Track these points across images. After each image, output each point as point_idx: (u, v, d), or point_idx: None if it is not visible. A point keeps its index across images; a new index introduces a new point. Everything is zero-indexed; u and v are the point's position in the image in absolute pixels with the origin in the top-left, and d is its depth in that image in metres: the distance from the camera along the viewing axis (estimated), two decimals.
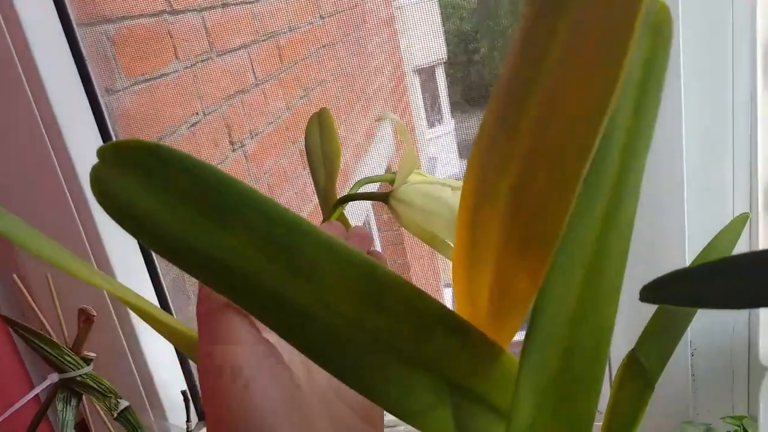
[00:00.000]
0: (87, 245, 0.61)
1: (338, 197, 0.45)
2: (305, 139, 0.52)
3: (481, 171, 0.22)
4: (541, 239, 0.19)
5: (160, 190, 0.22)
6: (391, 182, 0.41)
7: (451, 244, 0.33)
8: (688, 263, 0.50)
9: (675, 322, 0.33)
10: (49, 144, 0.58)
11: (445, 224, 0.34)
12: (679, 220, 0.48)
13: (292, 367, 0.27)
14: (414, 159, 0.40)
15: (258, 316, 0.22)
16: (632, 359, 0.33)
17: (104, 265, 0.62)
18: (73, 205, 0.57)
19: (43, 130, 0.58)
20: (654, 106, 0.22)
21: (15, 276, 0.50)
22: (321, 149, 0.50)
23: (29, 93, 0.57)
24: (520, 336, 0.23)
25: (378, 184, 0.46)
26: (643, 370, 0.33)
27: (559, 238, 0.18)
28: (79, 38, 0.65)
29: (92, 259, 0.61)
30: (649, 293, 0.20)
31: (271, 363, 0.26)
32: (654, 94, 0.21)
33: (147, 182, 0.22)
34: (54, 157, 0.59)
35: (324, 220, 0.45)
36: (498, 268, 0.21)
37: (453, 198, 0.35)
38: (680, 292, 0.20)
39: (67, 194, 0.57)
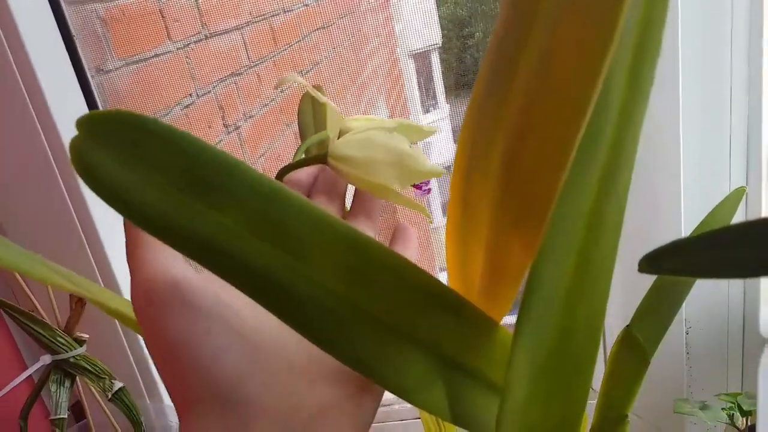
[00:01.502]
0: (78, 226, 0.60)
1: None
2: (298, 117, 0.51)
3: (472, 142, 0.21)
4: (535, 210, 0.18)
5: (141, 163, 0.21)
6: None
7: (399, 189, 0.31)
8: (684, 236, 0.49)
9: (671, 298, 0.33)
10: (38, 125, 0.58)
11: (388, 169, 0.32)
12: (675, 195, 0.48)
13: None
14: (335, 112, 0.38)
15: (247, 293, 0.21)
16: (628, 335, 0.33)
17: (95, 243, 0.61)
18: (63, 186, 0.57)
19: (33, 112, 0.57)
20: (650, 71, 0.21)
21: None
22: (314, 128, 0.50)
23: (17, 72, 0.56)
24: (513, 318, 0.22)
25: None
26: (638, 345, 0.33)
27: (553, 207, 0.18)
28: (67, 17, 0.64)
29: (84, 239, 0.61)
30: (647, 264, 0.19)
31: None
32: (651, 57, 0.21)
33: (127, 155, 0.21)
34: (44, 139, 0.58)
35: None
36: (491, 241, 0.21)
37: (391, 139, 0.33)
38: (679, 263, 0.20)
39: (58, 176, 0.57)
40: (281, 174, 0.36)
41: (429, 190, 0.35)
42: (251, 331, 0.24)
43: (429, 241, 2.24)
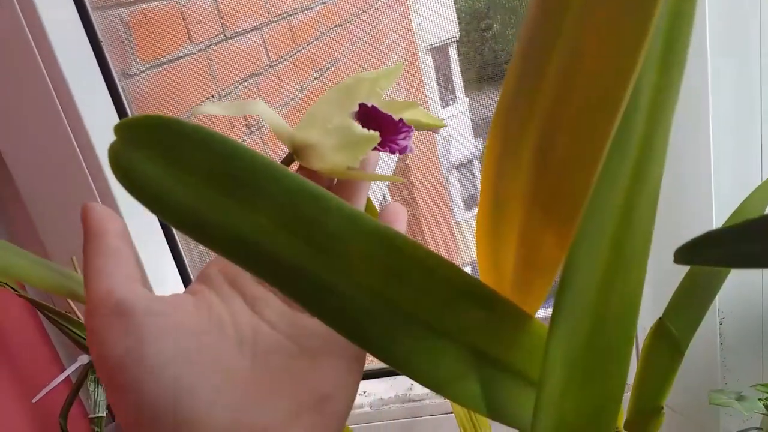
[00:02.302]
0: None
1: None
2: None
3: (503, 136, 0.21)
4: (568, 203, 0.18)
5: (177, 166, 0.21)
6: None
7: (355, 163, 0.30)
8: (715, 227, 0.49)
9: (704, 288, 0.32)
10: (70, 130, 0.59)
11: (339, 142, 0.30)
12: (705, 185, 0.47)
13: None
14: (265, 108, 0.34)
15: (282, 290, 0.21)
16: (661, 327, 0.33)
17: None
18: (95, 190, 0.58)
19: (64, 117, 0.58)
20: (681, 62, 0.21)
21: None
22: None
23: (48, 81, 0.57)
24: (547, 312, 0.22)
25: None
26: (672, 337, 0.32)
27: (586, 200, 0.18)
28: (94, 22, 0.65)
29: None
30: (683, 255, 0.19)
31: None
32: (681, 48, 0.21)
33: (164, 158, 0.22)
34: (75, 144, 0.59)
35: None
36: (523, 235, 0.21)
37: (328, 116, 0.31)
38: (715, 253, 0.20)
39: (90, 179, 0.58)
40: None
41: (405, 147, 0.32)
42: (195, 350, 0.23)
43: (452, 235, 2.23)
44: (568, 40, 0.16)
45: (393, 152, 0.32)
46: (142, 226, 0.64)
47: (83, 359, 0.49)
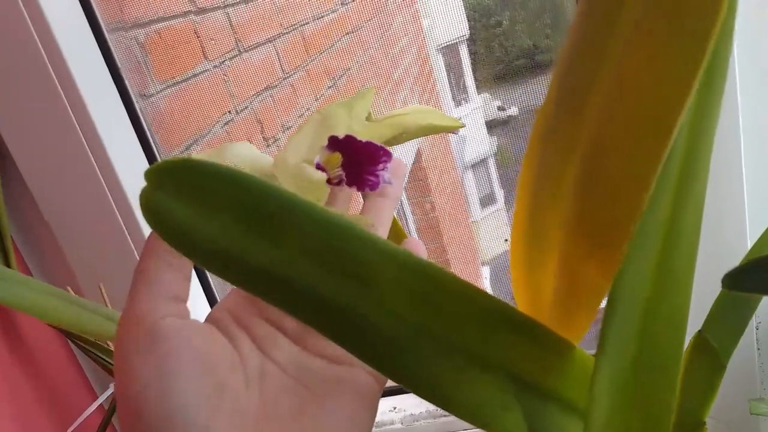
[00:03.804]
0: (132, 245, 0.61)
1: None
2: None
3: (541, 159, 0.21)
4: (615, 232, 0.18)
5: (209, 208, 0.21)
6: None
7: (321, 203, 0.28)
8: (749, 244, 0.48)
9: (744, 300, 0.31)
10: (90, 154, 0.59)
11: (296, 184, 0.28)
12: (738, 200, 0.46)
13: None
14: (221, 150, 0.32)
15: (316, 327, 0.21)
16: (701, 340, 0.32)
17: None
18: (119, 215, 0.58)
19: (84, 142, 0.59)
20: (722, 79, 0.21)
21: (69, 288, 0.51)
22: None
23: (68, 106, 0.57)
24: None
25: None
26: (713, 351, 0.32)
27: (635, 228, 0.18)
28: (110, 45, 0.65)
29: (137, 255, 0.62)
30: (731, 282, 0.19)
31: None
32: (723, 65, 0.20)
33: (196, 201, 0.21)
34: (96, 167, 0.59)
35: None
36: (565, 264, 0.21)
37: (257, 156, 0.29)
38: (760, 280, 0.19)
39: (113, 204, 0.58)
40: None
41: (379, 182, 0.28)
42: (215, 390, 0.23)
43: (471, 235, 2.22)
44: (616, 64, 0.16)
45: (364, 189, 0.28)
46: None
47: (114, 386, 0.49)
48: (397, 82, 1.60)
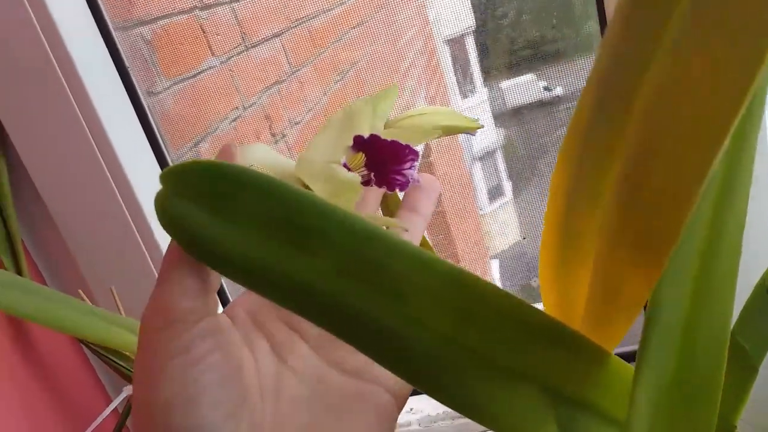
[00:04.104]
0: (142, 245, 0.61)
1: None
2: None
3: (576, 166, 0.20)
4: (659, 239, 0.17)
5: (232, 215, 0.20)
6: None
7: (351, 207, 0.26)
8: None
9: None
10: (98, 153, 0.58)
11: (325, 188, 0.27)
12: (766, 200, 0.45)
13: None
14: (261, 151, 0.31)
15: (349, 340, 0.20)
16: (732, 343, 0.31)
17: (161, 260, 0.61)
18: (130, 218, 0.57)
19: (93, 141, 0.58)
20: (765, 87, 0.20)
21: (80, 291, 0.51)
22: None
23: (76, 106, 0.57)
24: None
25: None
26: (744, 353, 0.31)
27: (680, 237, 0.17)
28: (118, 43, 0.64)
29: (150, 261, 0.61)
30: None
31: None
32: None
33: (217, 207, 0.20)
34: (104, 166, 0.59)
35: (385, 215, 0.43)
36: (603, 268, 0.20)
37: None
38: None
39: (123, 207, 0.58)
40: None
41: (408, 180, 0.27)
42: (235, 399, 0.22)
43: (479, 228, 2.21)
44: (666, 66, 0.15)
45: (393, 188, 0.28)
46: None
47: (129, 390, 0.49)
48: (405, 75, 1.59)
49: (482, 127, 0.43)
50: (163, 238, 0.61)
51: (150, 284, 0.63)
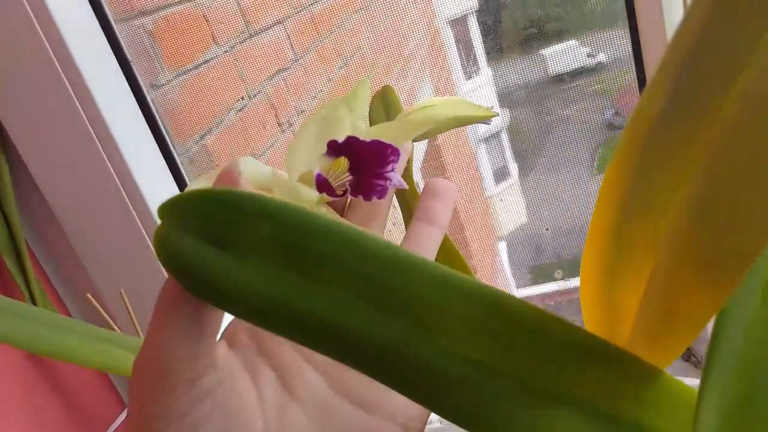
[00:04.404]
0: (151, 247, 0.59)
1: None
2: (370, 123, 0.48)
3: (633, 176, 0.18)
4: (736, 259, 0.15)
5: (238, 246, 0.18)
6: None
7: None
8: None
9: None
10: (102, 150, 0.57)
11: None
12: None
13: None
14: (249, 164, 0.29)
15: (372, 374, 0.19)
16: None
17: None
18: (137, 218, 0.56)
19: (95, 138, 0.56)
20: None
21: (89, 296, 0.50)
22: None
23: (78, 104, 0.55)
24: None
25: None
26: None
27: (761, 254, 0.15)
28: (118, 35, 0.62)
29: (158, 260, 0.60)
30: None
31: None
32: None
33: (223, 240, 0.18)
34: (109, 164, 0.57)
35: (404, 211, 0.42)
36: (663, 285, 0.18)
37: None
38: None
39: (130, 205, 0.56)
40: None
41: (387, 186, 0.25)
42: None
43: (487, 210, 2.20)
44: (763, 70, 0.13)
45: (371, 197, 0.25)
46: None
47: None
48: (408, 58, 1.57)
49: (496, 115, 0.42)
50: None
51: (159, 285, 0.62)
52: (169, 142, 0.66)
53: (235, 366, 0.23)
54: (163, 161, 0.64)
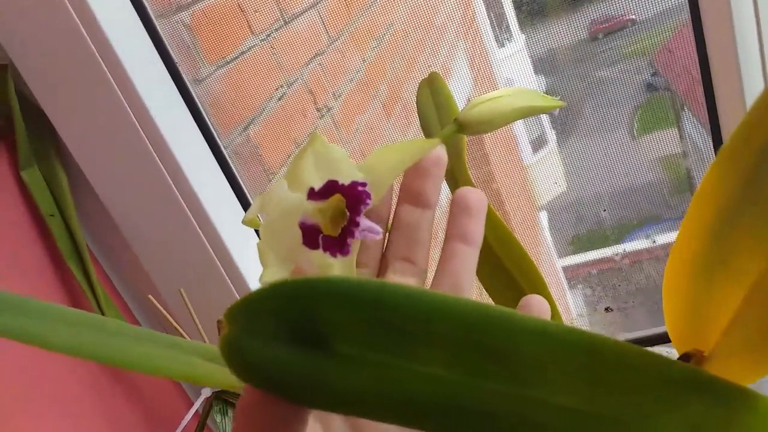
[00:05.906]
0: (207, 245, 0.60)
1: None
2: (418, 112, 0.47)
3: (741, 176, 0.17)
4: None
5: (324, 341, 0.17)
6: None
7: None
8: None
9: None
10: (153, 151, 0.57)
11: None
12: None
13: None
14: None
15: None
16: None
17: (226, 256, 0.60)
18: (192, 217, 0.57)
19: (146, 140, 0.57)
20: None
21: (150, 297, 0.51)
22: (439, 123, 0.46)
23: (126, 105, 0.55)
24: None
25: None
26: None
27: None
28: (160, 32, 0.62)
29: (214, 257, 0.61)
30: None
31: None
32: None
33: (301, 338, 0.17)
34: (161, 164, 0.58)
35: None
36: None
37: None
38: None
39: (184, 205, 0.57)
40: None
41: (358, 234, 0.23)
42: None
43: (525, 181, 2.17)
44: None
45: (335, 253, 0.23)
46: (241, 240, 0.63)
47: (206, 392, 0.49)
48: (441, 31, 1.54)
49: (563, 104, 0.41)
50: (226, 233, 0.60)
51: (217, 282, 0.63)
52: (216, 137, 0.66)
53: None
54: (212, 156, 0.64)
